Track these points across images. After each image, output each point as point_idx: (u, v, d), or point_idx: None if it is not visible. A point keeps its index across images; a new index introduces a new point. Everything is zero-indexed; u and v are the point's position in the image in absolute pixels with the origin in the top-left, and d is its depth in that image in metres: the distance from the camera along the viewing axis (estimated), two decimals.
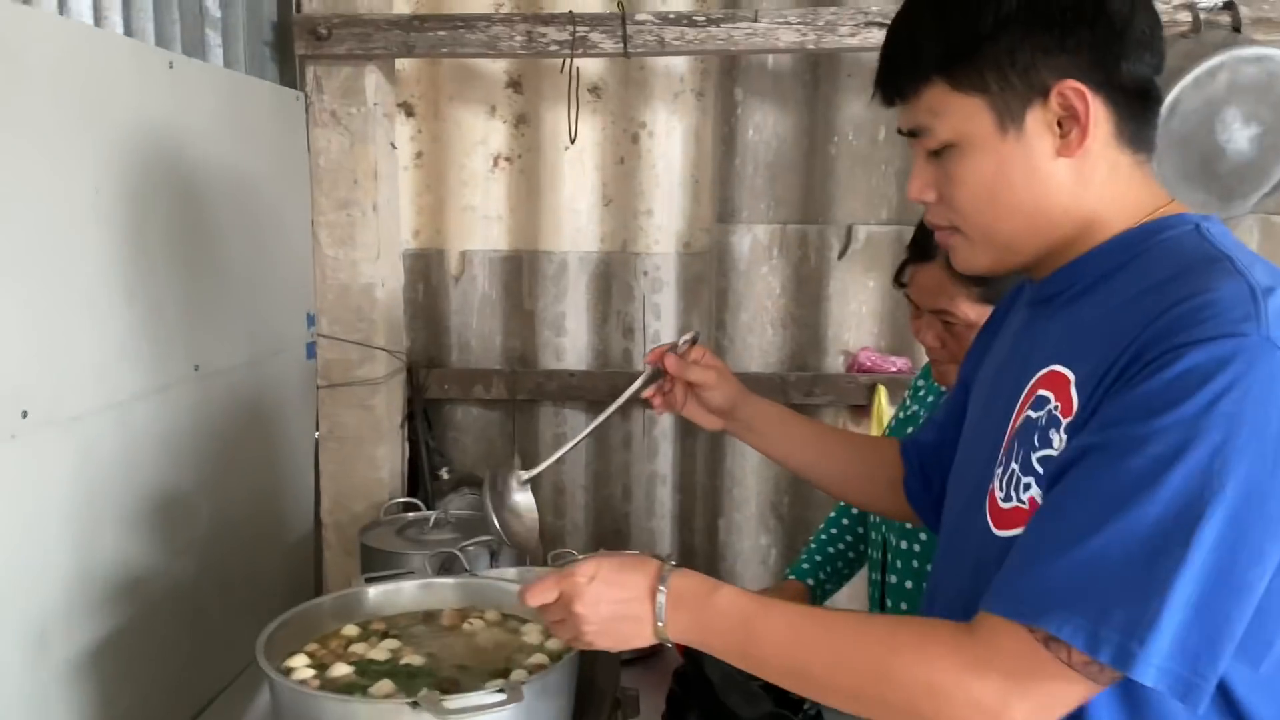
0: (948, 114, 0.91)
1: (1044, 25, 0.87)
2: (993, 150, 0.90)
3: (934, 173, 0.96)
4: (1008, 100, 0.89)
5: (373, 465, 2.27)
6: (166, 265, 1.62)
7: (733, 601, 0.95)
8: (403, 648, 1.36)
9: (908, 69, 0.93)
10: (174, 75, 1.61)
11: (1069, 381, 0.87)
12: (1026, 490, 0.88)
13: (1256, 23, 1.97)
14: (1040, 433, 0.88)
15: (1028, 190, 0.91)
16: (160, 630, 1.62)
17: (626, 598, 0.97)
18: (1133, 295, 0.86)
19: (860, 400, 2.37)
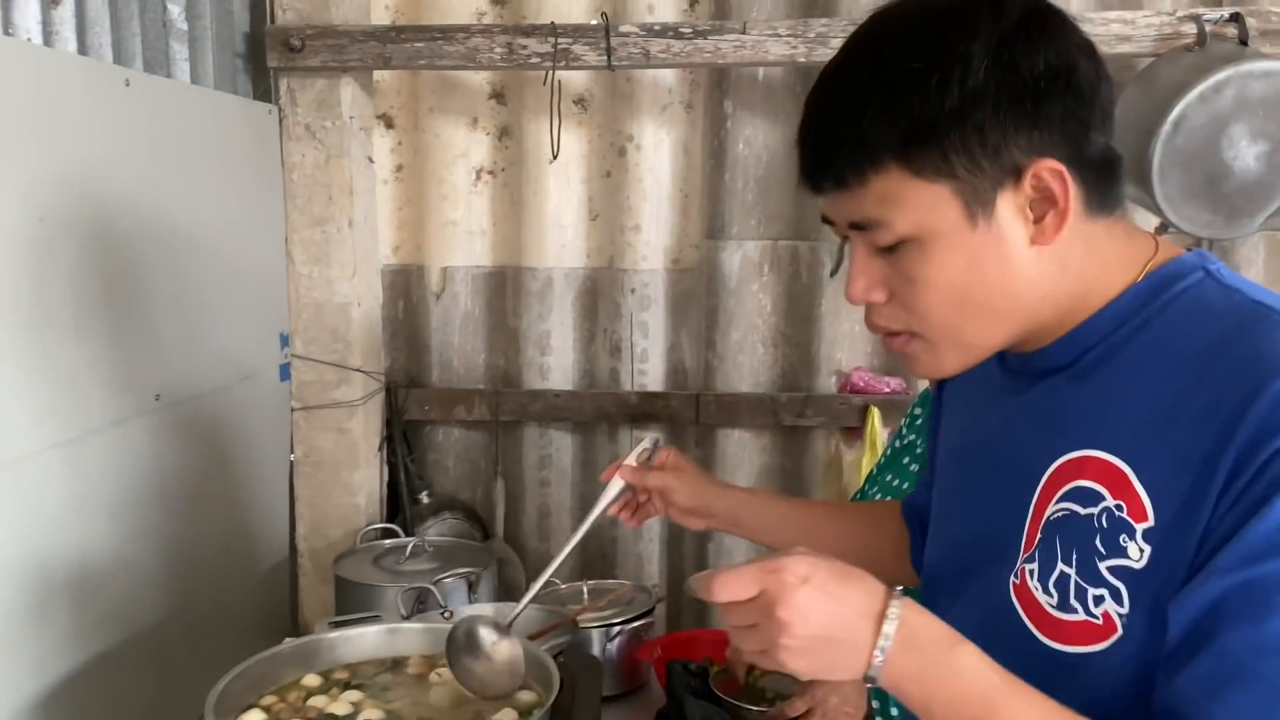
0: (906, 204, 0.79)
1: (1015, 98, 0.76)
2: (961, 243, 0.79)
3: (882, 270, 0.83)
4: (976, 185, 0.78)
5: (349, 490, 2.20)
6: (124, 292, 1.55)
7: (977, 668, 0.76)
8: (365, 700, 1.30)
9: (852, 153, 0.79)
10: (131, 93, 1.54)
11: (1128, 478, 0.77)
12: (1099, 604, 0.79)
13: (1264, 35, 1.90)
14: (1103, 536, 0.78)
15: (1002, 285, 0.81)
16: (119, 674, 1.55)
17: (846, 615, 0.76)
18: (1177, 372, 0.77)
19: (853, 422, 2.30)
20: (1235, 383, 0.73)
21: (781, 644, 0.75)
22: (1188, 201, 1.85)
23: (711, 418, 2.34)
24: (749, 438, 2.38)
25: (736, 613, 0.78)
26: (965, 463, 1.00)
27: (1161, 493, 0.75)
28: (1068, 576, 0.80)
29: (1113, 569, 0.77)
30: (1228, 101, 1.79)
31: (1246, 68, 1.78)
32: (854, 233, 0.84)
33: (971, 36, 0.76)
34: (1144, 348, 0.81)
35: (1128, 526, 0.77)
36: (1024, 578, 0.85)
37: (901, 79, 0.77)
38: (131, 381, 1.56)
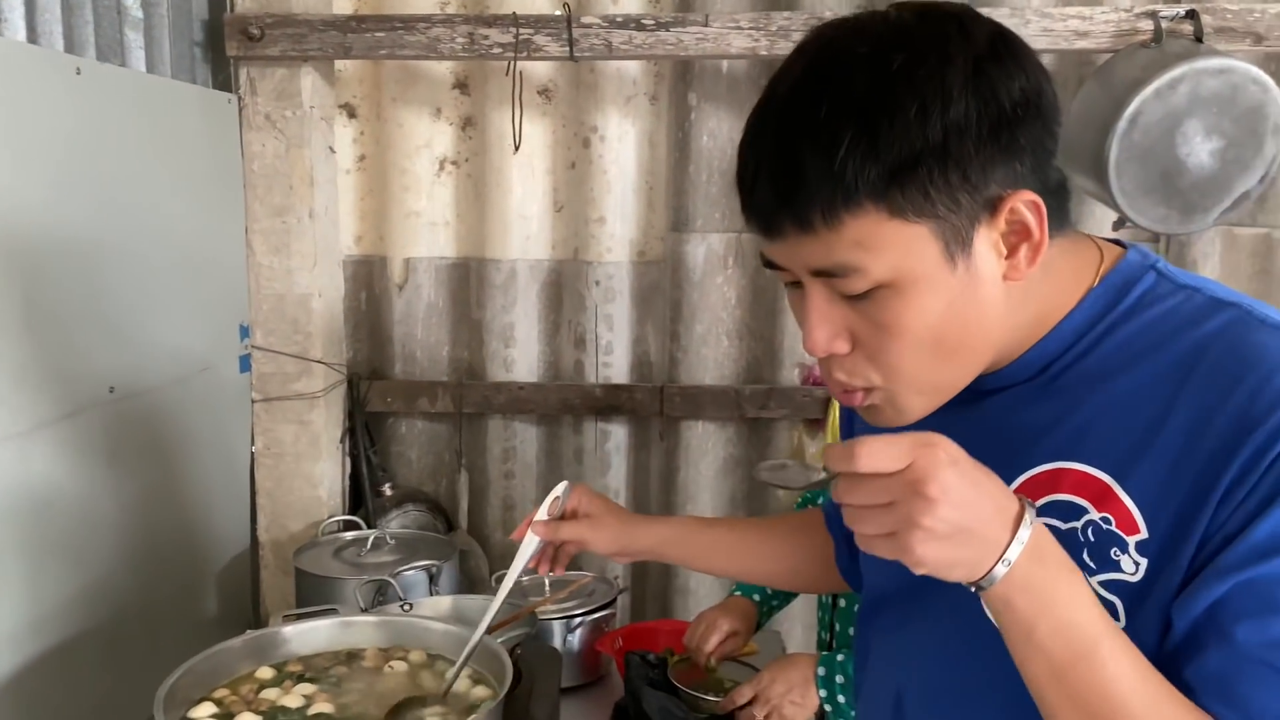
0: (883, 248, 0.72)
1: (994, 128, 0.71)
2: (941, 286, 0.73)
3: (845, 317, 0.76)
4: (956, 223, 0.72)
5: (311, 482, 2.19)
6: (76, 284, 1.53)
7: (1090, 599, 0.71)
8: (317, 693, 1.29)
9: (823, 193, 0.71)
10: (82, 81, 1.52)
11: (1112, 489, 0.76)
12: None
13: (1219, 32, 1.92)
14: (1091, 550, 0.77)
15: (977, 324, 0.76)
16: (71, 670, 1.54)
17: (987, 510, 0.69)
18: (1160, 379, 0.76)
19: (816, 413, 2.31)
20: (1222, 388, 0.72)
21: (922, 524, 0.67)
22: (1144, 196, 1.87)
23: (676, 410, 2.35)
24: (713, 430, 2.39)
25: (873, 488, 0.68)
26: None
27: (1152, 504, 0.74)
28: None
29: (1105, 583, 0.76)
30: (1182, 98, 1.80)
31: (1201, 64, 1.80)
32: (813, 280, 0.76)
33: (946, 61, 0.71)
34: (1111, 357, 0.79)
35: (1118, 539, 0.75)
36: None
37: (875, 110, 0.70)
38: (84, 373, 1.55)
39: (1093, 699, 0.70)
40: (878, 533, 0.69)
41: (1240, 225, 2.24)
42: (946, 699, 0.89)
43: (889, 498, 0.68)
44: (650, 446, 2.43)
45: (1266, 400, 0.70)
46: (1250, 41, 1.93)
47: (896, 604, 0.97)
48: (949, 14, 0.74)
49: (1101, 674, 0.69)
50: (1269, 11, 1.92)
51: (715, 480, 2.41)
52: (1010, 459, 0.81)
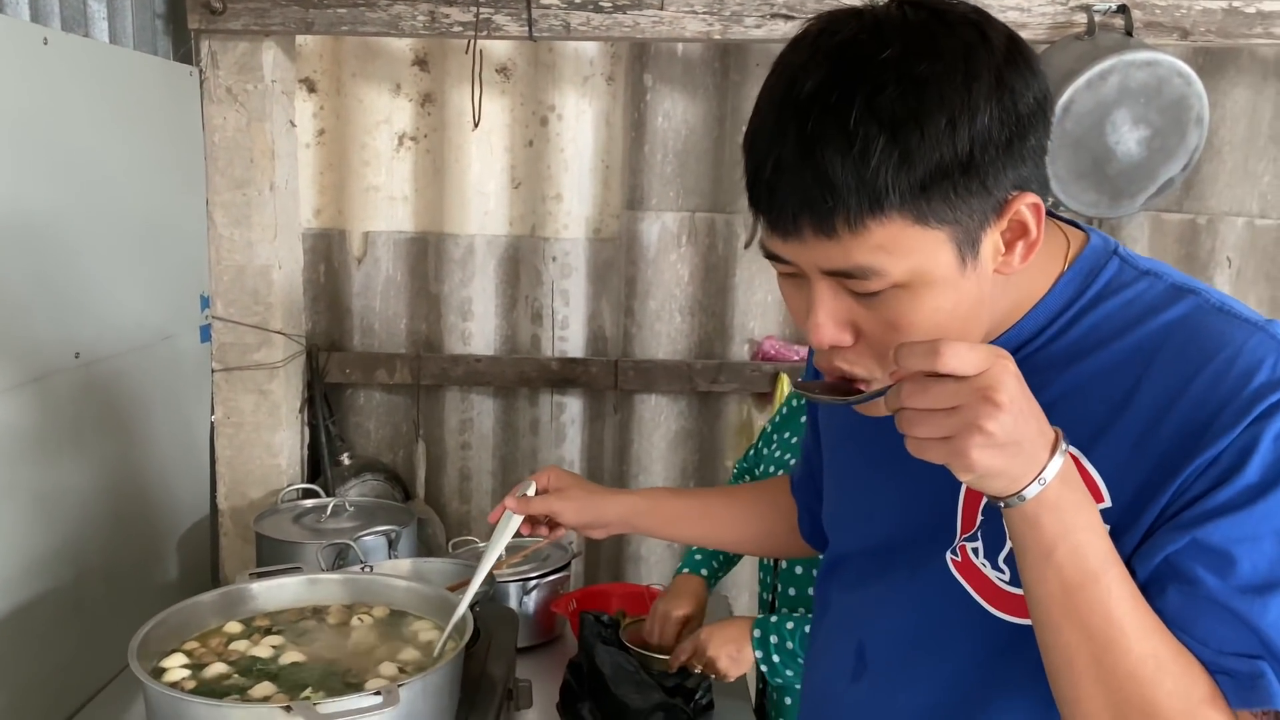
0: (906, 252, 0.74)
1: (1011, 137, 0.74)
2: (952, 287, 0.76)
3: (851, 312, 0.78)
4: (970, 227, 0.75)
5: (270, 451, 2.23)
6: (43, 251, 1.55)
7: (1102, 529, 0.76)
8: (285, 645, 1.35)
9: (850, 200, 0.72)
10: (49, 52, 1.54)
11: (1079, 462, 0.79)
12: None
13: (1148, 26, 2.02)
14: None
15: (974, 320, 0.80)
16: (35, 629, 1.58)
17: (1034, 430, 0.72)
18: (1125, 360, 0.81)
19: (764, 387, 2.39)
20: (1184, 373, 0.77)
21: (986, 428, 0.69)
22: (1075, 182, 1.97)
23: (630, 383, 2.42)
24: (665, 403, 2.47)
25: (943, 391, 0.70)
26: (878, 451, 0.97)
27: (1116, 477, 0.78)
28: None
29: None
30: (1112, 89, 1.91)
31: (1130, 57, 1.90)
32: (823, 277, 0.77)
33: (973, 74, 0.72)
34: (1078, 342, 0.83)
35: None
36: (965, 556, 0.87)
37: (906, 119, 0.70)
38: (51, 339, 1.58)
39: (1095, 619, 0.74)
40: (937, 435, 0.71)
41: (1167, 211, 2.35)
42: (906, 649, 0.95)
43: (956, 402, 0.70)
44: (604, 419, 2.50)
45: (1227, 385, 0.75)
46: (1178, 36, 2.04)
47: (858, 563, 1.03)
48: (968, 19, 0.76)
49: (1106, 596, 0.74)
50: (1195, 8, 2.03)
51: (668, 452, 2.48)
52: None
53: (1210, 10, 2.02)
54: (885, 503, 0.98)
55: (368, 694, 1.12)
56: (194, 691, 1.20)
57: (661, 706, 1.53)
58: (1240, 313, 0.80)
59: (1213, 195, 2.35)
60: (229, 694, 1.21)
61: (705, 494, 1.44)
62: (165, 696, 1.15)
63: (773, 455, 1.73)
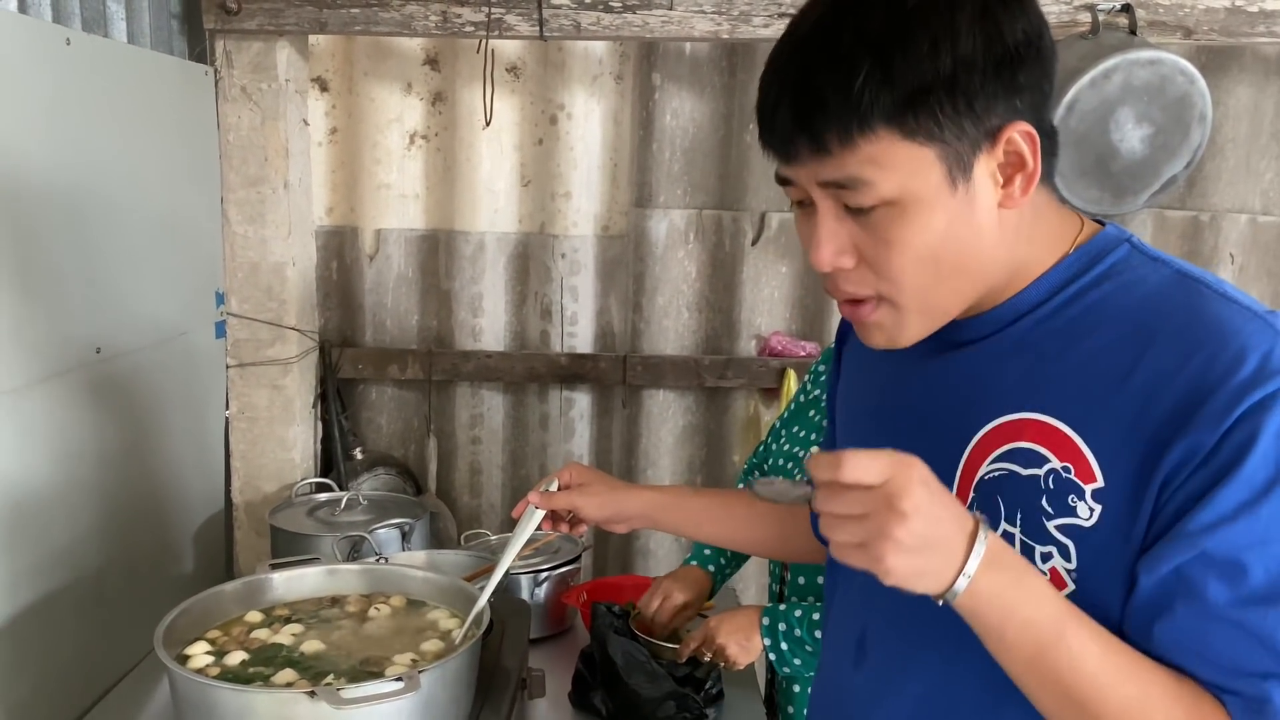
0: (892, 167, 0.78)
1: (1000, 64, 0.78)
2: (942, 207, 0.80)
3: (851, 233, 0.83)
4: (959, 150, 0.79)
5: (284, 445, 2.26)
6: (67, 248, 1.58)
7: (1049, 592, 0.78)
8: (305, 633, 1.37)
9: (840, 117, 0.77)
10: (72, 52, 1.57)
11: (1073, 440, 0.81)
12: (1046, 561, 0.82)
13: (1152, 25, 2.04)
14: (1050, 497, 0.81)
15: (972, 248, 0.82)
16: (59, 618, 1.61)
17: (950, 526, 0.75)
18: (1124, 339, 0.81)
19: (771, 383, 2.42)
20: (1181, 353, 0.77)
21: (895, 536, 0.72)
22: (1079, 179, 1.99)
23: (638, 379, 2.44)
24: (673, 398, 2.49)
25: (852, 499, 0.74)
26: (882, 427, 1.01)
27: (1110, 456, 0.79)
28: (1012, 535, 0.83)
29: (1061, 528, 0.80)
30: (1116, 87, 1.93)
31: (1133, 55, 1.92)
32: (824, 194, 0.82)
33: (955, 3, 0.77)
34: (1079, 319, 0.84)
35: (1076, 487, 0.80)
36: None
37: (891, 43, 0.76)
38: (73, 334, 1.61)
39: (1065, 680, 0.76)
40: (852, 541, 0.75)
41: (1170, 208, 2.38)
42: (902, 636, 0.96)
43: (865, 509, 0.74)
44: (613, 414, 2.53)
45: (1222, 366, 0.75)
46: (1181, 35, 2.06)
47: None
48: None
49: (1070, 657, 0.76)
50: (1198, 7, 2.05)
51: (675, 446, 2.51)
52: (978, 408, 0.87)
53: (1213, 9, 2.04)
54: None
55: (389, 680, 1.15)
56: (218, 678, 1.23)
57: (672, 695, 1.56)
58: (1243, 301, 0.80)
59: (1216, 192, 2.37)
60: (252, 681, 1.24)
61: (726, 494, 1.46)
62: (192, 683, 1.18)
63: (781, 449, 1.76)
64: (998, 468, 0.85)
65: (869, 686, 1.00)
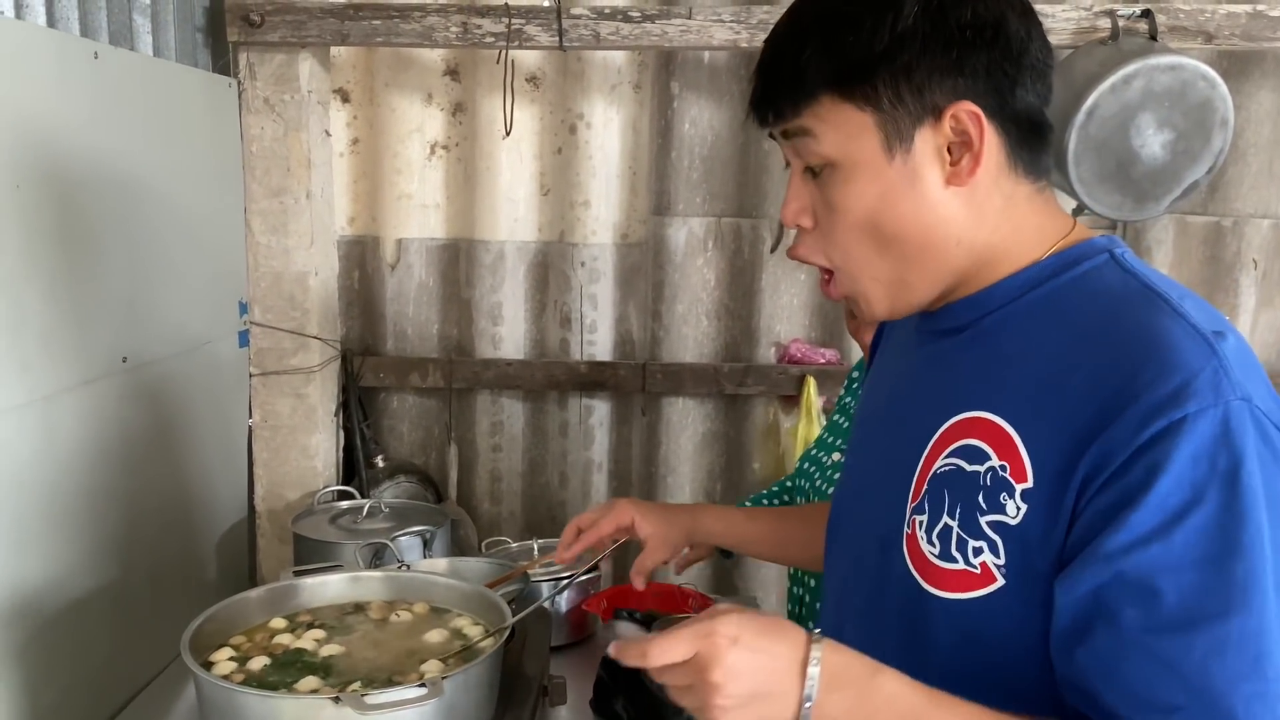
0: (836, 126, 0.86)
1: (942, 44, 0.83)
2: (877, 174, 0.85)
3: (810, 195, 0.90)
4: (898, 119, 0.84)
5: (306, 454, 2.28)
6: (93, 258, 1.61)
7: (899, 691, 0.80)
8: (328, 639, 1.38)
9: (790, 87, 0.87)
10: (99, 65, 1.59)
11: (1013, 440, 0.82)
12: (978, 555, 0.84)
13: (1172, 30, 2.03)
14: (986, 494, 0.83)
15: (915, 221, 0.86)
16: (87, 624, 1.62)
17: (774, 668, 0.78)
18: (1070, 346, 0.82)
19: (791, 390, 2.42)
20: (1115, 359, 0.78)
21: (715, 704, 0.77)
22: (1100, 185, 1.99)
23: (657, 386, 2.45)
24: (692, 405, 2.50)
25: (671, 674, 0.80)
26: (875, 418, 1.06)
27: (1040, 457, 0.80)
28: (950, 529, 0.86)
29: (992, 524, 0.83)
30: (1136, 93, 1.92)
31: (1154, 61, 1.91)
32: (791, 151, 0.90)
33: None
34: (1040, 319, 0.86)
35: (1008, 485, 0.82)
36: (914, 528, 0.90)
37: (837, 21, 0.85)
38: (100, 343, 1.63)
39: None
40: (692, 707, 0.81)
41: (1192, 214, 2.37)
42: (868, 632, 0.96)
43: (687, 681, 0.79)
44: (632, 421, 2.54)
45: (1147, 377, 0.75)
46: (1202, 40, 2.05)
47: (844, 541, 1.08)
48: None
49: None
50: (1219, 11, 2.04)
51: (695, 454, 2.51)
52: (945, 402, 0.90)
53: (1234, 14, 2.03)
54: (867, 472, 1.03)
55: (413, 685, 1.16)
56: (243, 684, 1.24)
57: None
58: (1193, 319, 0.79)
59: (1238, 198, 2.36)
60: (276, 687, 1.25)
61: (783, 514, 1.56)
62: (218, 689, 1.19)
63: (808, 454, 1.76)
64: (949, 463, 0.88)
65: None
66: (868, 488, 1.02)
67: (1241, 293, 2.39)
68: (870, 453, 1.04)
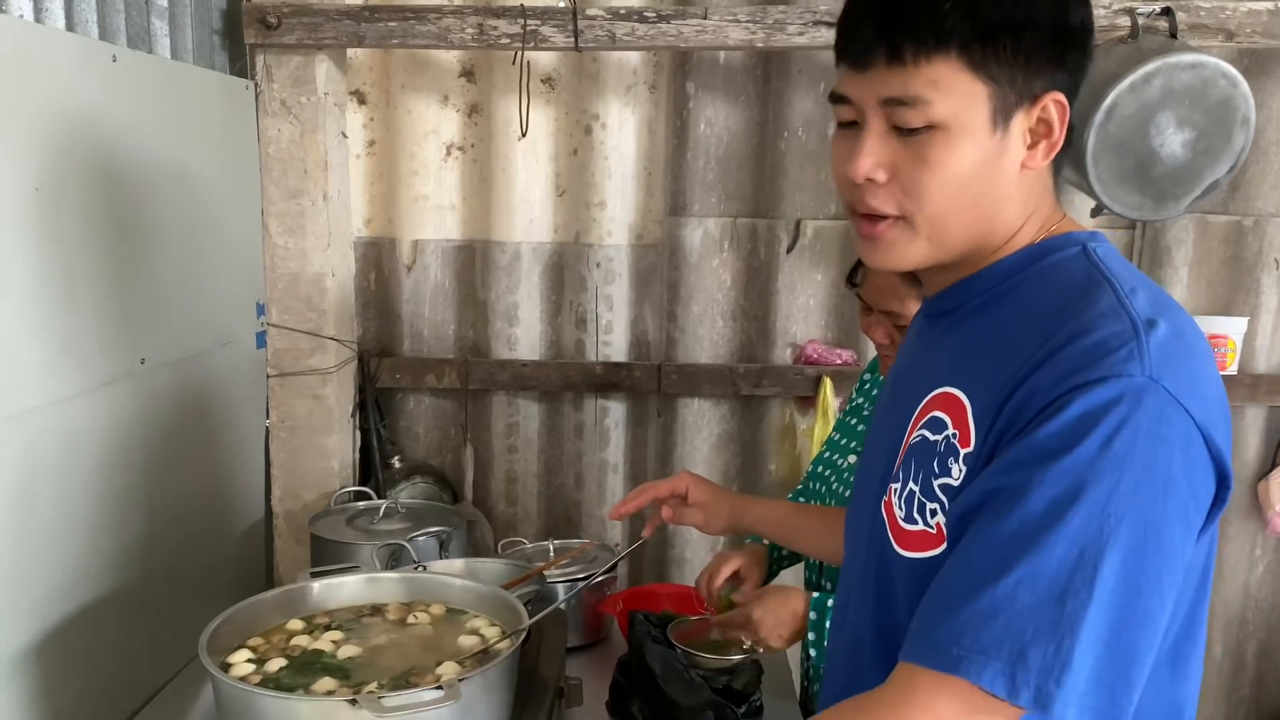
0: (951, 93, 0.86)
1: (1058, 35, 0.87)
2: (980, 143, 0.87)
3: (893, 152, 0.90)
4: (1006, 97, 0.87)
5: (323, 455, 2.28)
6: (112, 259, 1.62)
7: None
8: (345, 641, 1.39)
9: (923, 31, 0.85)
10: (118, 68, 1.60)
11: (965, 409, 0.89)
12: (934, 516, 0.91)
13: (1192, 29, 2.02)
14: (939, 459, 0.90)
15: (992, 192, 0.90)
16: (105, 625, 1.63)
17: None
18: (1018, 322, 0.89)
19: (807, 391, 2.41)
20: (1045, 334, 0.84)
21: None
22: (1119, 185, 1.97)
23: (672, 387, 2.45)
24: (708, 406, 2.49)
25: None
26: (883, 401, 1.13)
27: (980, 421, 0.87)
28: (913, 493, 0.93)
29: (941, 486, 0.90)
30: (1156, 91, 1.90)
31: (1174, 59, 1.90)
32: (879, 111, 0.89)
33: None
34: (1008, 304, 0.92)
35: (955, 450, 0.89)
36: (889, 495, 0.97)
37: None
38: (120, 344, 1.63)
39: None
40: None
41: (1212, 213, 2.35)
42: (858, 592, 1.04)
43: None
44: (648, 422, 2.53)
45: (1069, 347, 0.82)
46: (1222, 38, 2.03)
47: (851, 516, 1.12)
48: None
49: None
50: (1240, 9, 2.02)
51: (710, 455, 2.51)
52: (928, 380, 0.96)
53: (1255, 11, 2.01)
54: (871, 447, 1.10)
55: (430, 688, 1.16)
56: (260, 685, 1.25)
57: (710, 705, 1.55)
58: (1128, 304, 0.85)
59: (1259, 196, 2.34)
60: (293, 689, 1.25)
61: (828, 513, 1.59)
62: (236, 690, 1.19)
63: (822, 457, 1.75)
64: (919, 434, 0.95)
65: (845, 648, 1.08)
66: (871, 464, 1.07)
67: (1263, 292, 2.37)
68: (875, 433, 1.11)
